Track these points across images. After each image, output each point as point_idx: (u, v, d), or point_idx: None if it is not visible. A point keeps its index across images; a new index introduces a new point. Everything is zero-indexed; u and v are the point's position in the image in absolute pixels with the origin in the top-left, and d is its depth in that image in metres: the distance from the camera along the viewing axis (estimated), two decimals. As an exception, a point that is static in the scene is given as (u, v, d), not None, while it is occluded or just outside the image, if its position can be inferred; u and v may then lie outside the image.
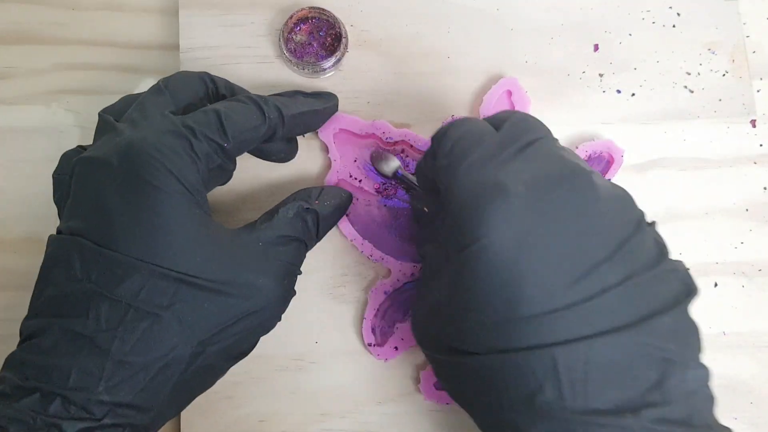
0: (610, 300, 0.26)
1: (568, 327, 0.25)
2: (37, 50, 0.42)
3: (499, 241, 0.26)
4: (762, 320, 0.38)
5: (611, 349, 0.25)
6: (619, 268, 0.26)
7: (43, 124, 0.41)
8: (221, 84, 0.35)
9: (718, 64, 0.40)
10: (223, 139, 0.31)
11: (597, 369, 0.25)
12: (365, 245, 0.38)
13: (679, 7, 0.41)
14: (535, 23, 0.41)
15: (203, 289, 0.29)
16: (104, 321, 0.28)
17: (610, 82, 0.40)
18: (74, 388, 0.27)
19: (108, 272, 0.28)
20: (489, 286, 0.27)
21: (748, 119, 0.40)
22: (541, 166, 0.28)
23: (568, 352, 0.25)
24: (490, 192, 0.27)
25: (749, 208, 0.39)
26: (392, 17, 0.41)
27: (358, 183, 0.38)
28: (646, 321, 0.26)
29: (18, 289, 0.39)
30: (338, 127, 0.39)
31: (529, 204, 0.27)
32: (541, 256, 0.26)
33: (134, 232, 0.28)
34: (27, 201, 0.40)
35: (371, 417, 0.37)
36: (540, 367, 0.26)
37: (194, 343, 0.29)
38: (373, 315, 0.37)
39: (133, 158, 0.29)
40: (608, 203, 0.28)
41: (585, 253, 0.26)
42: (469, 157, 0.29)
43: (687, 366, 0.26)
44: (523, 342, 0.26)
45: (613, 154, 0.38)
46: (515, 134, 0.30)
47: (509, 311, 0.26)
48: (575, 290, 0.26)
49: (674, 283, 0.28)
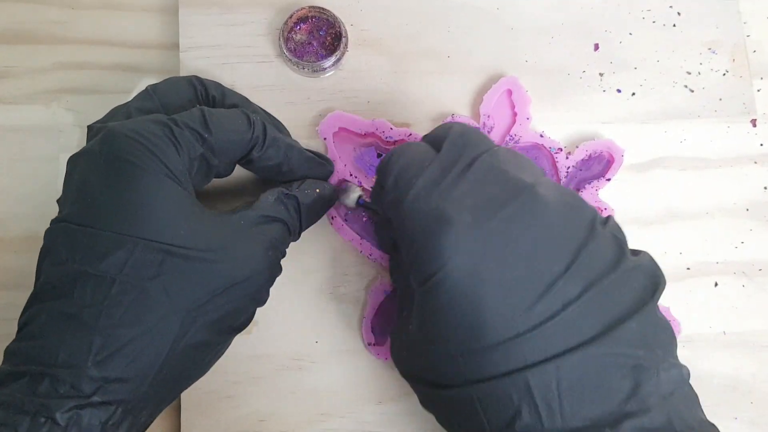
0: (572, 315, 0.26)
1: (534, 349, 0.25)
2: (37, 49, 0.41)
3: (453, 272, 0.26)
4: (762, 320, 0.38)
5: (580, 364, 0.25)
6: (577, 279, 0.26)
7: (42, 123, 0.41)
8: (211, 86, 0.35)
9: (719, 64, 0.40)
10: (204, 130, 0.31)
11: (570, 387, 0.25)
12: (364, 244, 0.38)
13: (679, 7, 0.41)
14: (535, 22, 0.41)
15: (188, 259, 0.29)
16: (89, 297, 0.28)
17: (610, 81, 0.40)
18: (62, 366, 0.27)
19: (91, 250, 0.28)
20: (451, 318, 0.27)
21: (748, 119, 0.40)
22: (484, 188, 0.28)
23: (539, 373, 0.25)
24: (437, 224, 0.27)
25: (750, 208, 0.39)
26: (392, 16, 0.41)
27: (357, 182, 0.38)
28: (610, 330, 0.26)
29: (17, 288, 0.39)
30: (338, 126, 0.39)
31: (476, 231, 0.27)
32: (496, 281, 0.26)
33: (115, 207, 0.28)
34: (26, 200, 0.40)
35: (371, 417, 0.37)
36: (515, 392, 0.26)
37: (182, 312, 0.29)
38: (373, 314, 0.37)
39: (114, 141, 0.29)
40: (556, 214, 0.27)
41: (540, 270, 0.26)
42: (412, 189, 0.29)
43: (659, 368, 0.26)
44: (494, 370, 0.26)
45: (613, 154, 0.38)
46: (455, 154, 0.29)
47: (474, 341, 0.26)
48: (536, 311, 0.26)
49: (638, 281, 0.27)
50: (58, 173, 0.40)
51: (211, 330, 0.30)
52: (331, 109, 0.39)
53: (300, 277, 0.34)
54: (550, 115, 0.39)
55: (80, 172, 0.30)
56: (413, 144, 0.32)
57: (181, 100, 0.34)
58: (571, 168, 0.39)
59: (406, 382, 0.37)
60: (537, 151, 0.39)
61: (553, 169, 0.39)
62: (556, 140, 0.39)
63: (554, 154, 0.39)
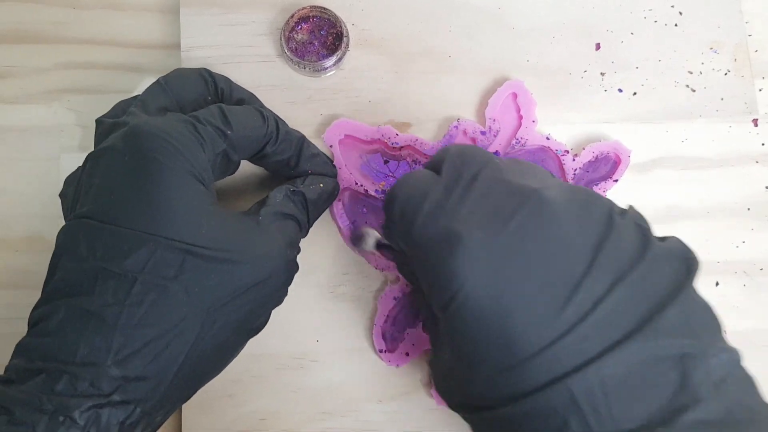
0: (605, 312, 0.24)
1: (571, 354, 0.24)
2: (38, 49, 0.42)
3: (473, 292, 0.26)
4: (763, 319, 0.38)
5: (622, 363, 0.24)
6: (603, 275, 0.25)
7: (44, 123, 0.41)
8: (220, 79, 0.35)
9: (720, 63, 0.40)
10: (226, 126, 0.31)
11: (615, 388, 0.24)
12: (379, 260, 0.38)
13: (681, 6, 0.41)
14: (536, 22, 0.40)
15: (209, 259, 0.29)
16: (111, 295, 0.27)
17: (611, 81, 0.40)
18: (82, 364, 0.26)
19: (113, 248, 0.28)
20: (480, 338, 0.26)
21: (750, 118, 0.40)
22: (490, 200, 0.27)
23: (581, 378, 0.24)
24: (448, 245, 0.26)
25: (751, 208, 0.39)
26: (393, 16, 0.41)
27: (363, 190, 0.38)
28: (649, 322, 0.24)
29: (19, 288, 0.39)
30: (343, 133, 0.39)
31: (488, 246, 0.26)
32: (518, 292, 0.25)
33: (139, 205, 0.28)
34: (27, 200, 0.40)
35: (372, 415, 0.37)
36: (559, 403, 0.24)
37: (203, 313, 0.29)
38: (383, 321, 0.37)
39: (138, 139, 0.29)
40: (568, 214, 0.26)
41: (563, 273, 0.25)
42: (419, 215, 0.28)
43: (708, 354, 0.24)
44: (533, 383, 0.25)
45: (620, 155, 0.38)
46: (456, 174, 0.29)
47: (509, 357, 0.25)
48: (566, 314, 0.25)
49: (670, 266, 0.26)
50: (59, 173, 0.40)
51: (230, 331, 0.30)
52: (332, 108, 0.39)
53: (301, 276, 0.34)
54: (552, 115, 0.39)
55: (103, 169, 0.30)
56: (414, 172, 0.31)
57: (192, 93, 0.34)
58: (578, 170, 0.38)
59: (406, 380, 0.37)
60: (543, 154, 0.39)
61: (560, 171, 0.39)
62: (563, 143, 0.39)
63: (561, 157, 0.38)
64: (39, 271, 0.39)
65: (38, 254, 0.40)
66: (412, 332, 0.37)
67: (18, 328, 0.39)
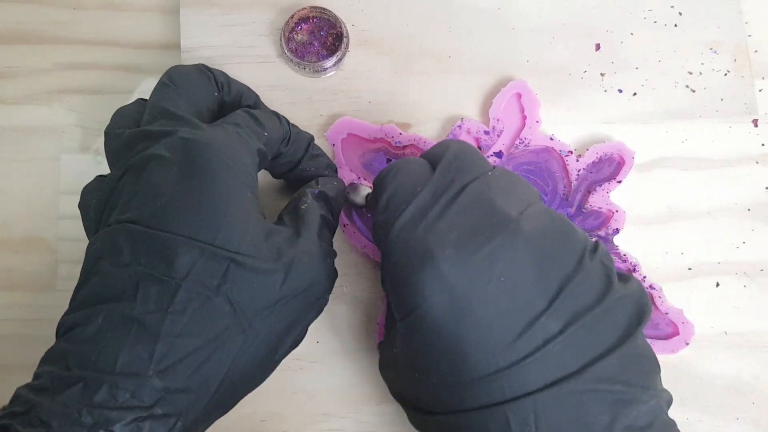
0: (553, 351, 0.26)
1: (513, 384, 0.26)
2: (39, 50, 0.42)
3: (434, 309, 0.27)
4: (764, 320, 0.38)
5: (559, 400, 0.25)
6: (560, 314, 0.26)
7: (44, 123, 0.41)
8: (218, 74, 0.35)
9: (720, 64, 0.40)
10: (263, 129, 0.32)
11: (548, 421, 0.25)
12: (376, 252, 0.38)
13: (680, 7, 0.41)
14: (536, 23, 0.41)
15: (253, 269, 0.28)
16: (153, 302, 0.26)
17: (611, 81, 0.40)
18: (122, 373, 0.25)
19: (158, 253, 0.27)
20: (432, 351, 0.27)
21: (750, 119, 0.40)
22: (470, 220, 0.28)
23: (518, 408, 0.26)
24: (420, 260, 0.27)
25: (751, 208, 0.39)
26: (393, 17, 0.41)
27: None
28: (590, 366, 0.26)
29: (18, 288, 0.39)
30: (346, 131, 0.39)
31: (458, 266, 0.27)
32: (477, 319, 0.26)
33: (187, 211, 0.28)
34: (28, 201, 0.40)
35: (372, 417, 0.37)
36: (494, 425, 0.26)
37: (246, 324, 0.28)
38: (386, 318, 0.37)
39: (189, 149, 0.29)
40: (540, 248, 0.27)
41: (522, 307, 0.26)
42: (401, 216, 0.29)
43: (638, 401, 0.26)
44: (474, 402, 0.26)
45: (623, 156, 0.38)
46: (447, 180, 0.29)
47: (456, 375, 0.27)
48: (517, 347, 0.26)
49: (624, 312, 0.27)
50: (59, 173, 0.40)
51: (273, 342, 0.30)
52: (332, 109, 0.39)
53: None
54: (552, 116, 0.39)
55: (149, 177, 0.29)
56: (411, 161, 0.31)
57: (201, 91, 0.33)
58: (581, 170, 0.38)
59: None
60: (547, 154, 0.39)
61: (564, 171, 0.39)
62: (566, 143, 0.39)
63: (564, 157, 0.38)
64: (38, 271, 0.39)
65: (38, 255, 0.40)
66: None
67: (17, 329, 0.39)
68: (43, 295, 0.39)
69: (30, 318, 0.39)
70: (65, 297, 0.39)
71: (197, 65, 0.34)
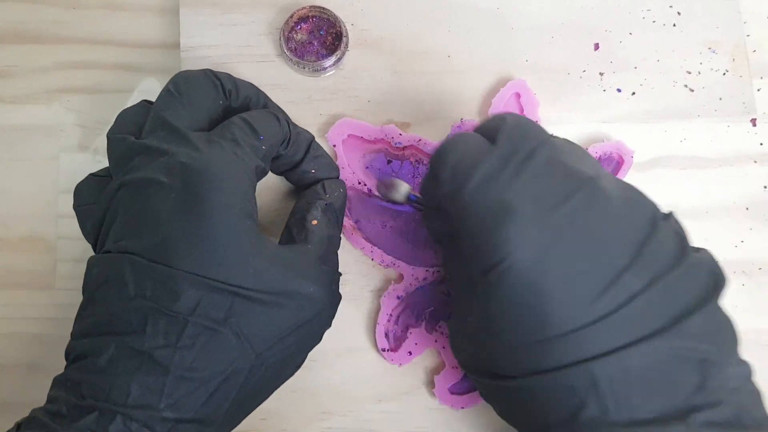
0: (638, 307, 0.25)
1: (600, 340, 0.25)
2: (38, 49, 0.42)
3: (517, 263, 0.26)
4: (763, 319, 0.38)
5: (648, 356, 0.25)
6: (642, 272, 0.26)
7: (43, 123, 0.41)
8: (224, 79, 0.35)
9: (719, 63, 0.40)
10: (259, 142, 0.32)
11: (637, 378, 0.25)
12: (375, 251, 0.38)
13: (679, 6, 0.41)
14: (535, 22, 0.41)
15: (257, 302, 0.29)
16: (162, 337, 0.27)
17: (610, 81, 0.40)
18: (135, 406, 0.26)
19: (163, 288, 0.28)
20: (515, 309, 0.26)
21: (748, 118, 0.40)
22: (545, 179, 0.27)
23: (605, 365, 0.25)
24: (499, 215, 0.27)
25: (749, 207, 0.39)
26: (393, 16, 0.41)
27: (367, 190, 0.38)
28: (677, 323, 0.25)
29: (18, 288, 0.39)
30: (347, 132, 0.39)
31: (539, 221, 0.26)
32: (560, 273, 0.26)
33: (188, 247, 0.28)
34: (27, 200, 0.40)
35: (372, 415, 0.37)
36: (580, 384, 0.25)
37: (253, 356, 0.29)
38: (386, 320, 0.37)
39: (187, 176, 0.29)
40: (619, 207, 0.27)
41: (605, 263, 0.26)
42: (470, 181, 0.28)
43: (726, 364, 0.26)
44: (558, 361, 0.26)
45: (622, 155, 0.38)
46: (513, 146, 0.29)
47: (539, 332, 0.26)
48: (601, 302, 0.25)
49: (701, 277, 0.27)
50: (58, 173, 0.40)
51: (277, 370, 0.31)
52: (332, 108, 0.39)
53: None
54: (550, 115, 0.40)
55: (146, 202, 0.29)
56: (465, 135, 0.31)
57: (207, 99, 0.33)
58: None
59: (406, 380, 0.37)
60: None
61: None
62: (565, 134, 0.39)
63: None
64: (38, 271, 0.39)
65: (37, 254, 0.40)
66: (415, 331, 0.37)
67: (17, 327, 0.39)
68: (43, 294, 0.39)
69: (29, 317, 0.39)
70: (64, 296, 0.39)
71: (204, 71, 0.34)
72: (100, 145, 0.41)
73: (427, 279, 0.37)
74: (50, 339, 0.39)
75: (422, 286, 0.37)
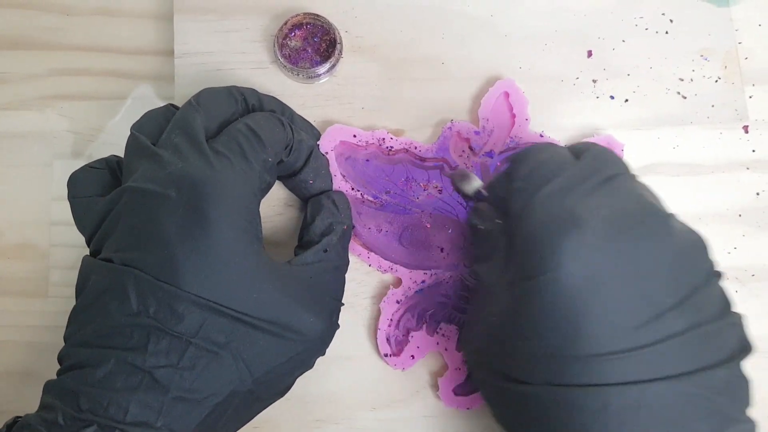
0: (673, 347, 0.26)
1: (625, 370, 0.25)
2: (31, 55, 0.41)
3: (570, 275, 0.26)
4: (756, 325, 0.38)
5: (665, 396, 0.25)
6: (686, 316, 0.26)
7: (36, 129, 0.41)
8: (249, 95, 0.35)
9: (711, 71, 0.40)
10: (265, 153, 0.32)
11: (648, 414, 0.25)
12: (372, 257, 0.38)
13: (672, 14, 0.41)
14: (529, 29, 0.41)
15: (258, 329, 0.29)
16: (164, 356, 0.27)
17: (603, 88, 0.40)
18: (132, 423, 0.27)
19: (168, 308, 0.28)
20: (551, 318, 0.26)
21: (740, 125, 0.40)
22: (620, 204, 0.28)
23: (621, 394, 0.25)
24: (567, 224, 0.27)
25: (742, 214, 0.39)
26: (387, 23, 0.41)
27: (360, 196, 0.38)
28: (703, 371, 0.26)
29: (11, 295, 0.39)
30: (338, 139, 0.39)
31: (604, 240, 0.26)
32: (609, 295, 0.26)
33: (195, 268, 0.28)
34: (20, 207, 0.40)
35: (365, 423, 0.37)
36: (591, 406, 0.25)
37: (250, 381, 0.29)
38: (387, 325, 0.37)
39: (194, 192, 0.29)
40: (682, 248, 0.28)
41: (654, 297, 0.26)
42: (547, 185, 0.29)
43: (737, 420, 0.26)
44: (578, 379, 0.26)
45: (613, 149, 0.38)
46: (596, 167, 0.29)
47: (568, 347, 0.26)
48: (640, 334, 0.26)
49: (733, 337, 0.28)
50: (52, 179, 0.40)
51: (267, 393, 0.31)
52: (325, 115, 0.39)
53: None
54: (544, 122, 0.40)
55: (152, 216, 0.29)
56: (554, 145, 0.32)
57: (224, 113, 0.33)
58: None
59: (400, 388, 0.37)
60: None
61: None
62: (556, 139, 0.39)
63: None
64: (30, 278, 0.39)
65: (30, 261, 0.39)
66: (416, 335, 0.37)
67: (9, 335, 0.39)
68: (35, 301, 0.39)
69: (22, 324, 0.39)
70: (57, 303, 0.39)
71: (229, 88, 0.34)
72: (94, 151, 0.40)
73: (426, 282, 0.37)
74: (43, 347, 0.38)
75: (421, 289, 0.37)
